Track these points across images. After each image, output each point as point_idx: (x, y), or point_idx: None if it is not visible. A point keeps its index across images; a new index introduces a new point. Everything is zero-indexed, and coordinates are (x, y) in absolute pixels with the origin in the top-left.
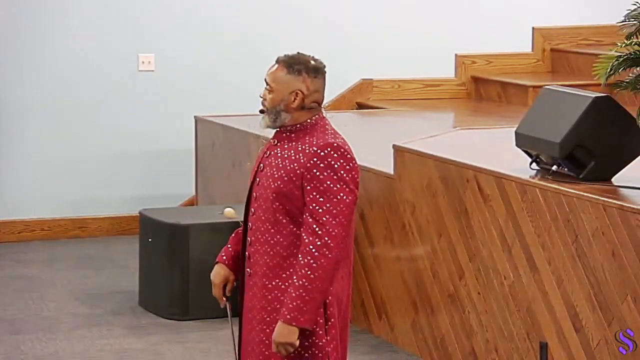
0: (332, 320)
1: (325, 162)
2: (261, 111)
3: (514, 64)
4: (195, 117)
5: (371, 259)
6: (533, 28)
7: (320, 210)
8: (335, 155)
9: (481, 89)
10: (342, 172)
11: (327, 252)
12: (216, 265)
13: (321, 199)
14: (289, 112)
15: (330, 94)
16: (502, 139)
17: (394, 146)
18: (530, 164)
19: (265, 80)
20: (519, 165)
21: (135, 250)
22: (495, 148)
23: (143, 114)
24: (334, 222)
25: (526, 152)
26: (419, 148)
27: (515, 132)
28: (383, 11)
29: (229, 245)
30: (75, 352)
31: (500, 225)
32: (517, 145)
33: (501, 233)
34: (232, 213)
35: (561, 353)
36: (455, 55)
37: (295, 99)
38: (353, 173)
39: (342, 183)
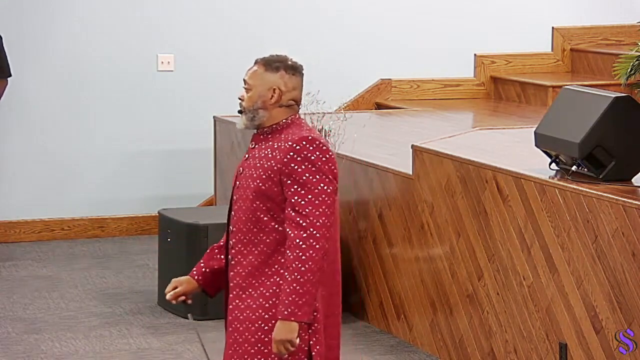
0: (317, 325)
1: (302, 155)
2: (239, 112)
3: (533, 64)
4: (214, 117)
5: (389, 259)
6: (553, 28)
7: (302, 202)
8: (311, 147)
9: (500, 89)
10: (319, 163)
11: (314, 243)
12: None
13: (302, 192)
14: (266, 109)
15: (349, 94)
16: (522, 139)
17: (412, 146)
18: (550, 164)
19: (243, 80)
20: (538, 166)
21: (154, 250)
22: (514, 148)
23: (162, 114)
24: (317, 212)
25: (545, 152)
26: (437, 148)
27: (535, 132)
28: (402, 11)
29: (201, 262)
30: (94, 352)
31: (519, 226)
32: (536, 145)
33: (520, 233)
34: None
35: (581, 354)
36: (475, 55)
37: (272, 95)
38: (330, 164)
39: (320, 174)
